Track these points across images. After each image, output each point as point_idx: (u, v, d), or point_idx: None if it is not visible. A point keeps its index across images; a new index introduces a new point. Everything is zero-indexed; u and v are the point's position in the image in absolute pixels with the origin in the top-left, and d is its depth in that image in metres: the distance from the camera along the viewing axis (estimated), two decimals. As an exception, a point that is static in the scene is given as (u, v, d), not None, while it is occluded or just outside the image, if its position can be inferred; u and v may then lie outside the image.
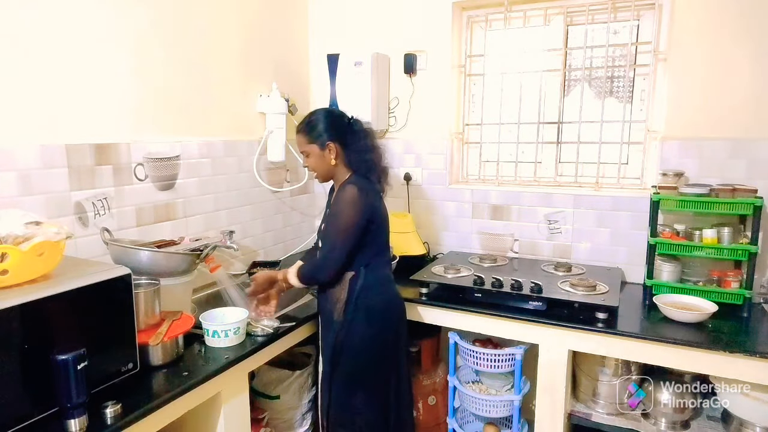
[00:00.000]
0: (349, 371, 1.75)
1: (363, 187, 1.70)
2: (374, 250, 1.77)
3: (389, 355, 1.79)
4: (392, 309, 1.81)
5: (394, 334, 1.80)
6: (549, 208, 2.37)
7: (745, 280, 1.85)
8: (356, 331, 1.72)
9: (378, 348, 1.76)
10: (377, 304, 1.75)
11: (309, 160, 1.78)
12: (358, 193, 1.67)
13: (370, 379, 1.76)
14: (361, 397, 1.75)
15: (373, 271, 1.75)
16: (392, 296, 1.83)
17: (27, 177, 1.54)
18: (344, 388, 1.76)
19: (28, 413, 1.13)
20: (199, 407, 1.51)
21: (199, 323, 1.65)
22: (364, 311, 1.72)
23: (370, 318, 1.73)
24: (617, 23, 2.30)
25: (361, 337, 1.72)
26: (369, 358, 1.75)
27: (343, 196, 1.69)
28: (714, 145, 2.05)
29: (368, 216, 1.69)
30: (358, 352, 1.73)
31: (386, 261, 1.86)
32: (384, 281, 1.80)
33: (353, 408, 1.75)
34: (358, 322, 1.72)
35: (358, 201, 1.66)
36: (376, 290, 1.75)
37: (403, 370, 1.85)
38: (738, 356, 1.59)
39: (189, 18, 2.04)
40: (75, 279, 1.23)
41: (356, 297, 1.72)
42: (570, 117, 2.42)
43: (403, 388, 1.86)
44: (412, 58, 2.53)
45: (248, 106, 2.39)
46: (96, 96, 1.73)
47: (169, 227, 2.01)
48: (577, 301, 1.84)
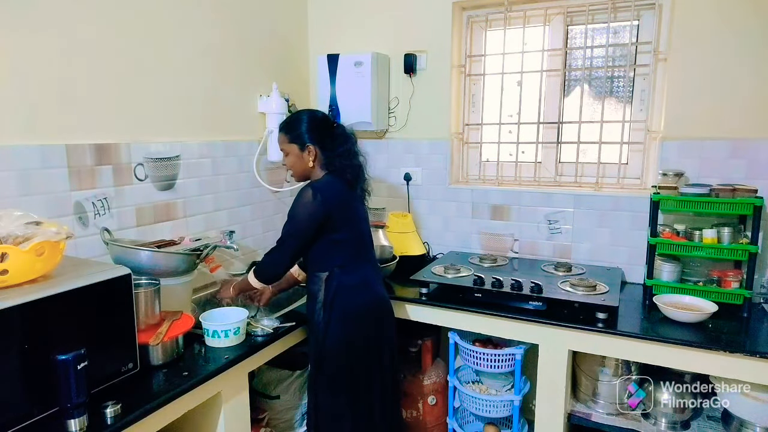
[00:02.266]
0: (331, 375, 1.72)
1: (322, 188, 1.69)
2: (348, 251, 1.75)
3: (370, 357, 1.76)
4: (370, 311, 1.77)
5: (374, 336, 1.77)
6: (549, 208, 2.37)
7: (745, 280, 1.85)
8: (333, 333, 1.70)
9: (357, 351, 1.72)
10: (352, 307, 1.72)
11: (288, 158, 1.80)
12: (312, 195, 1.66)
13: (352, 382, 1.73)
14: (344, 401, 1.72)
15: (349, 273, 1.73)
16: (371, 298, 1.78)
17: (27, 177, 1.54)
18: (328, 392, 1.73)
19: (28, 413, 1.13)
20: (199, 407, 1.51)
21: (199, 323, 1.65)
22: (339, 313, 1.70)
23: (345, 320, 1.71)
24: (617, 23, 2.30)
25: (338, 340, 1.70)
26: (348, 362, 1.72)
27: (298, 197, 1.70)
28: (714, 145, 2.05)
29: (323, 218, 1.67)
30: (337, 355, 1.71)
31: (364, 262, 1.81)
32: (362, 283, 1.77)
33: (337, 412, 1.73)
34: (334, 324, 1.70)
35: (310, 203, 1.66)
36: (352, 292, 1.72)
37: (387, 373, 1.81)
38: (738, 356, 1.58)
39: (189, 18, 2.05)
40: (75, 279, 1.23)
41: (332, 298, 1.71)
42: (570, 117, 2.42)
43: (388, 390, 1.82)
44: (412, 58, 2.53)
45: (248, 106, 2.39)
46: (96, 96, 1.73)
47: (169, 227, 2.01)
48: (577, 301, 1.84)
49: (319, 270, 1.74)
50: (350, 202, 1.78)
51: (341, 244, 1.73)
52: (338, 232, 1.72)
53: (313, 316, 1.75)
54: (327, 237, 1.71)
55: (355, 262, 1.76)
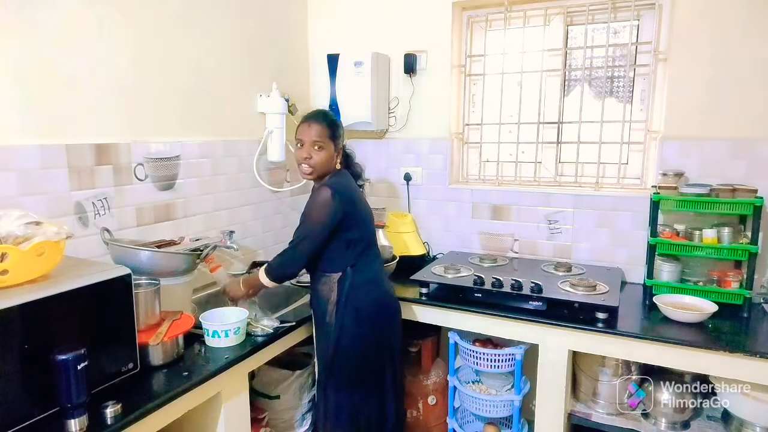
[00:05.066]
0: (346, 373, 1.75)
1: (338, 189, 1.70)
2: (359, 250, 1.76)
3: (383, 353, 1.81)
4: (383, 308, 1.82)
5: (386, 332, 1.82)
6: (549, 208, 2.37)
7: (745, 280, 1.85)
8: (348, 332, 1.72)
9: (371, 348, 1.77)
10: (366, 304, 1.75)
11: (320, 153, 1.73)
12: (332, 196, 1.67)
13: (367, 378, 1.78)
14: (359, 397, 1.76)
15: (360, 272, 1.76)
16: (381, 295, 1.83)
17: (27, 177, 1.54)
18: (342, 390, 1.76)
19: (28, 413, 1.13)
20: (199, 407, 1.51)
21: (199, 323, 1.65)
22: (353, 312, 1.72)
23: (359, 318, 1.73)
24: (617, 23, 2.30)
25: (353, 338, 1.73)
26: (363, 359, 1.76)
27: (316, 196, 1.71)
28: (714, 145, 2.05)
29: (341, 218, 1.69)
30: (352, 354, 1.74)
31: (373, 259, 1.84)
32: (372, 280, 1.80)
33: (352, 407, 1.76)
34: (349, 323, 1.72)
35: (330, 203, 1.67)
36: (364, 290, 1.75)
37: (398, 366, 1.88)
38: (738, 356, 1.58)
39: (189, 18, 2.04)
40: (75, 279, 1.23)
41: (345, 298, 1.72)
42: (570, 117, 2.42)
43: (399, 383, 1.90)
44: (412, 58, 2.53)
45: (248, 106, 2.39)
46: (96, 96, 1.72)
47: (169, 227, 2.01)
48: (577, 301, 1.84)
49: (330, 271, 1.75)
50: (360, 201, 1.81)
51: (353, 243, 1.75)
52: (351, 231, 1.73)
53: (325, 317, 1.76)
54: (340, 236, 1.72)
55: (365, 260, 1.78)
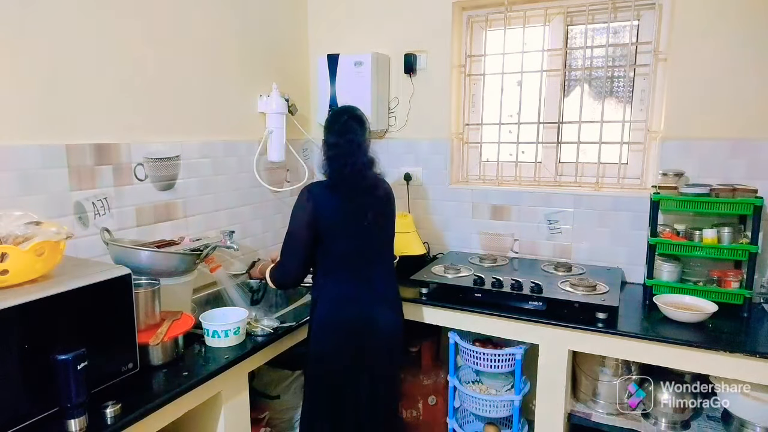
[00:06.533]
0: (310, 380, 1.76)
1: (312, 188, 1.68)
2: (327, 264, 1.70)
3: (344, 376, 1.67)
4: (340, 329, 1.66)
5: (349, 355, 1.66)
6: (549, 208, 2.37)
7: (745, 280, 1.85)
8: (312, 340, 1.72)
9: (328, 365, 1.67)
10: (322, 322, 1.68)
11: None
12: (302, 194, 1.67)
13: (326, 392, 1.68)
14: (320, 408, 1.70)
15: (323, 287, 1.69)
16: (350, 316, 1.66)
17: (27, 177, 1.54)
18: (308, 396, 1.75)
19: (28, 413, 1.13)
20: (199, 407, 1.51)
21: (199, 323, 1.65)
22: (314, 324, 1.70)
23: (316, 333, 1.69)
24: (617, 23, 2.30)
25: (313, 348, 1.70)
26: (322, 372, 1.69)
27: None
28: (714, 145, 2.05)
29: (309, 222, 1.64)
30: (314, 363, 1.71)
31: (342, 277, 1.69)
32: (344, 298, 1.67)
33: (315, 418, 1.72)
34: (313, 332, 1.71)
35: (300, 203, 1.67)
36: (325, 306, 1.68)
37: (363, 398, 1.69)
38: (738, 356, 1.58)
39: (189, 18, 2.04)
40: (75, 279, 1.23)
41: (313, 307, 1.72)
42: (570, 117, 2.42)
43: (364, 415, 1.70)
44: (412, 58, 2.53)
45: (248, 106, 2.39)
46: (96, 96, 1.72)
47: (169, 227, 2.01)
48: (577, 301, 1.84)
49: (313, 275, 1.76)
50: (343, 212, 1.67)
51: (322, 254, 1.69)
52: (321, 242, 1.67)
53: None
54: (323, 240, 1.67)
55: (332, 275, 1.69)
